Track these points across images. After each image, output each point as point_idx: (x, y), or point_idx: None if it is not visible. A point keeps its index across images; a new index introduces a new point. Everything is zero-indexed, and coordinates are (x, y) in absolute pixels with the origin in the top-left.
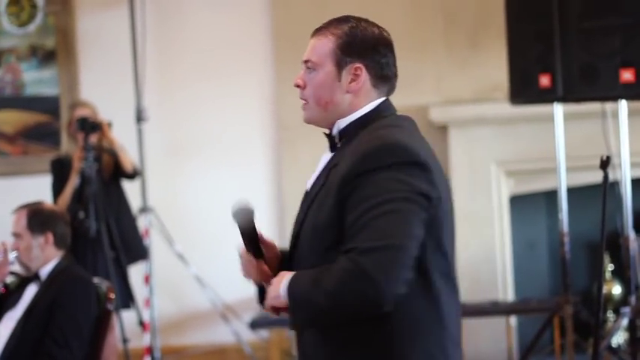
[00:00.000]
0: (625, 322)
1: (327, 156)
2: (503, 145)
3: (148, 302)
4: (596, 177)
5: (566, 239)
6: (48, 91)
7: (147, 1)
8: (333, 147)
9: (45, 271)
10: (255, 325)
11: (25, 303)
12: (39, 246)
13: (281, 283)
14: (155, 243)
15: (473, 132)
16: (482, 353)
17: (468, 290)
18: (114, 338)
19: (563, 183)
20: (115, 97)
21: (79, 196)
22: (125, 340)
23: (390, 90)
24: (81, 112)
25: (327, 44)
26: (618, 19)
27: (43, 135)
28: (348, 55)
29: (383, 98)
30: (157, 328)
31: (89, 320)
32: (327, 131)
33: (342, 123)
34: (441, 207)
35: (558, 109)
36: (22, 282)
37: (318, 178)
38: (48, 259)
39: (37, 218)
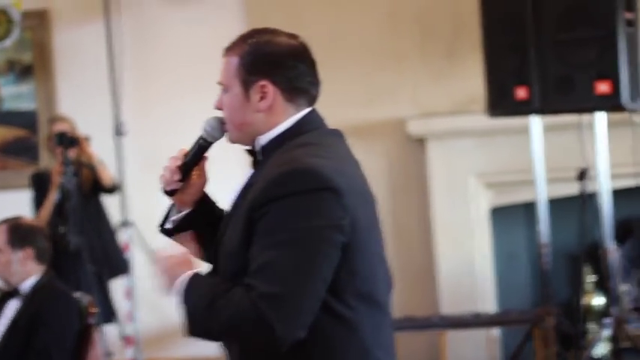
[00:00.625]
0: (607, 332)
1: (248, 173)
2: (481, 158)
3: (131, 316)
4: (575, 188)
5: (546, 250)
6: (25, 105)
7: (123, 15)
8: (254, 164)
9: (26, 286)
10: None
11: (7, 319)
12: (19, 261)
13: (183, 279)
14: (136, 257)
15: (451, 144)
16: None
17: (449, 302)
18: (96, 353)
19: (542, 194)
20: (93, 112)
21: (59, 210)
22: (109, 354)
23: (311, 100)
24: (59, 127)
25: (232, 64)
26: (593, 31)
27: (21, 150)
28: (253, 74)
29: (305, 111)
30: (140, 341)
31: (71, 335)
32: (249, 148)
33: (262, 140)
34: (358, 227)
35: (535, 121)
36: (3, 297)
37: (237, 197)
38: (28, 274)
39: (16, 233)
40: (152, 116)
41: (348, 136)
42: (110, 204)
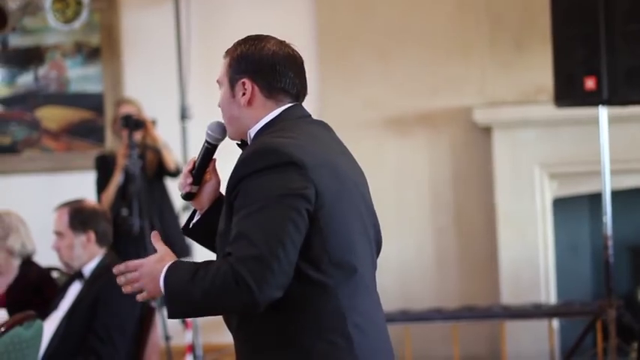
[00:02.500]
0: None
1: None
2: (547, 148)
3: None
4: (639, 181)
5: (610, 242)
6: (92, 87)
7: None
8: None
9: (88, 269)
10: None
11: (69, 301)
12: (81, 244)
13: (161, 269)
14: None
15: (517, 134)
16: (524, 355)
17: (510, 292)
18: (156, 336)
19: (607, 186)
20: (159, 95)
21: (122, 193)
22: (167, 338)
23: (294, 97)
24: (125, 110)
25: (225, 64)
26: None
27: (87, 131)
28: (237, 73)
29: (286, 106)
30: (198, 325)
31: (133, 317)
32: (243, 142)
33: (252, 132)
34: (326, 199)
35: (603, 112)
36: (68, 280)
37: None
38: (90, 256)
39: (78, 217)
40: (217, 101)
41: (415, 124)
42: (173, 187)
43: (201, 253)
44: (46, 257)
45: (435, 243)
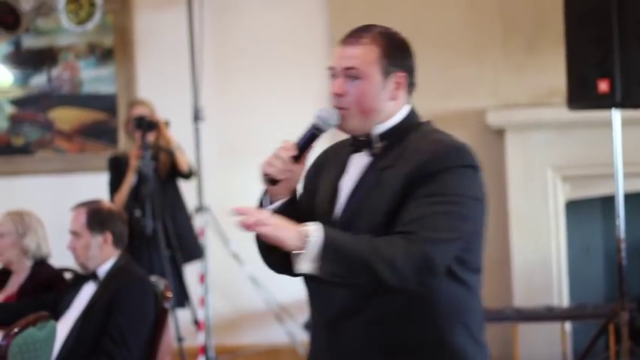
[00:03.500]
0: None
1: (361, 158)
2: (559, 150)
3: (203, 301)
4: None
5: (623, 245)
6: (105, 89)
7: (205, 0)
8: (364, 149)
9: (103, 270)
10: (309, 326)
11: (82, 302)
12: (97, 245)
13: (306, 228)
14: (211, 242)
15: (529, 136)
16: (536, 358)
17: (523, 295)
18: (168, 337)
19: (620, 189)
20: (172, 96)
21: (135, 194)
22: (180, 339)
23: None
24: (138, 111)
25: (370, 53)
26: None
27: (100, 132)
28: (393, 64)
29: (410, 103)
30: (211, 327)
31: (147, 319)
32: (360, 136)
33: (381, 128)
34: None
35: (616, 115)
36: (78, 280)
37: (362, 180)
38: (106, 258)
39: (96, 217)
40: (231, 102)
41: None
42: (186, 189)
43: (213, 257)
44: (59, 258)
45: None
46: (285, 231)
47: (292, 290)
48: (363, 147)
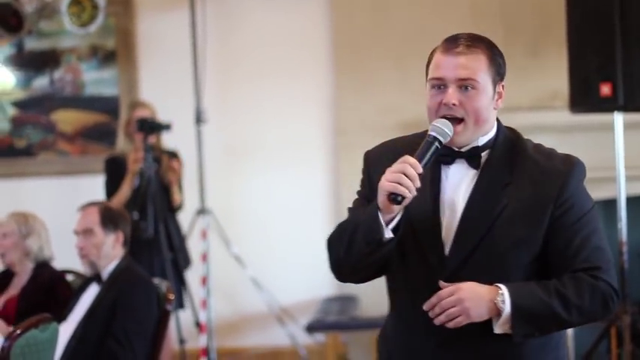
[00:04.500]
0: None
1: (460, 170)
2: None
3: (205, 303)
4: None
5: (625, 248)
6: (107, 91)
7: (207, 2)
8: (461, 160)
9: (106, 271)
10: (311, 328)
11: (86, 304)
12: (110, 244)
13: (491, 294)
14: (212, 244)
15: (532, 139)
16: None
17: None
18: (169, 339)
19: (622, 192)
20: (175, 99)
21: (134, 196)
22: (182, 341)
23: None
24: (140, 113)
25: (482, 63)
26: None
27: (102, 135)
28: (498, 74)
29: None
30: (213, 329)
31: (151, 321)
32: (459, 147)
33: (484, 139)
34: None
35: (619, 118)
36: (84, 283)
37: (480, 195)
38: (113, 258)
39: (109, 216)
40: (233, 105)
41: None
42: (188, 191)
43: (215, 259)
44: (60, 260)
45: None
46: (474, 313)
47: (293, 292)
48: (462, 158)
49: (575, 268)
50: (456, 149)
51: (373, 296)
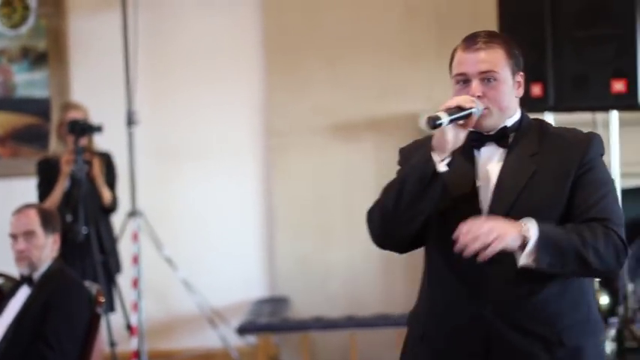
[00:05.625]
0: (613, 332)
1: (491, 150)
2: None
3: (136, 306)
4: None
5: None
6: (39, 93)
7: (139, 4)
8: (492, 142)
9: (38, 274)
10: (242, 330)
11: (16, 307)
12: (49, 245)
13: (520, 225)
14: (144, 247)
15: None
16: None
17: None
18: (100, 342)
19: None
20: (106, 100)
21: (67, 199)
22: (113, 344)
23: None
24: (72, 115)
25: (500, 56)
26: (611, 29)
27: (33, 137)
28: (516, 65)
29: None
30: (144, 332)
31: (82, 324)
32: (489, 131)
33: (509, 122)
34: None
35: (549, 119)
36: (14, 285)
37: (510, 167)
38: (47, 260)
39: (47, 217)
40: (164, 106)
41: (363, 129)
42: (119, 193)
43: (146, 262)
44: None
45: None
46: (508, 237)
47: (225, 294)
48: (491, 140)
49: (587, 218)
50: (485, 133)
51: (304, 298)
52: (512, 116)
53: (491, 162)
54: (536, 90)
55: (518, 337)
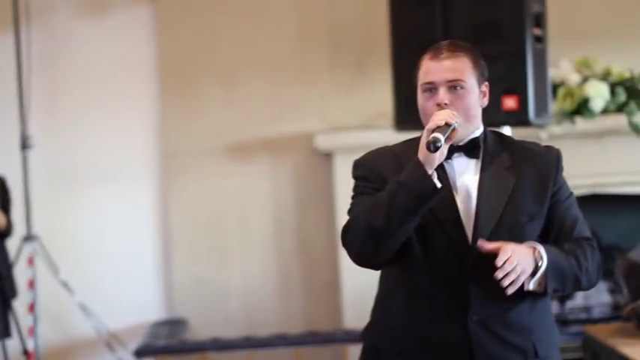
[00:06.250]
0: None
1: (462, 162)
2: None
3: (33, 331)
4: None
5: None
6: None
7: (32, 26)
8: (460, 153)
9: None
10: (140, 353)
11: None
12: None
13: (533, 250)
14: (40, 271)
15: None
16: None
17: (353, 316)
18: None
19: None
20: (0, 124)
21: None
22: None
23: None
24: None
25: (466, 65)
26: (502, 47)
27: None
28: (482, 75)
29: None
30: (41, 357)
31: None
32: (458, 142)
33: (477, 133)
34: None
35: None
36: None
37: (494, 179)
38: None
39: None
40: (59, 129)
41: (258, 150)
42: (14, 217)
43: (42, 286)
44: None
45: (279, 268)
46: (527, 270)
47: (122, 317)
48: (460, 151)
49: (574, 237)
50: (454, 145)
51: (202, 319)
52: (480, 126)
53: (466, 174)
54: None
55: (499, 349)
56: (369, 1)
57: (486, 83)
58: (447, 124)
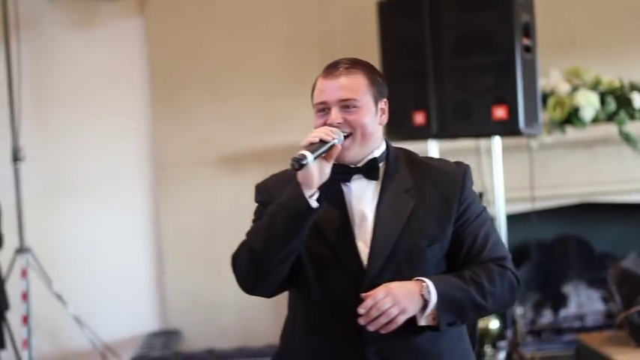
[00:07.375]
0: (502, 355)
1: (361, 184)
2: None
3: (26, 343)
4: None
5: None
6: None
7: (22, 37)
8: (359, 175)
9: None
10: None
11: None
12: None
13: (415, 286)
14: (33, 283)
15: None
16: None
17: None
18: None
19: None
20: None
21: None
22: None
23: None
24: None
25: (362, 82)
26: (491, 57)
27: None
28: (379, 92)
29: None
30: None
31: None
32: (354, 164)
33: (377, 153)
34: None
35: (433, 146)
36: None
37: (392, 202)
38: None
39: None
40: (52, 141)
41: (247, 161)
42: (6, 230)
43: (36, 298)
44: None
45: None
46: (410, 309)
47: (117, 329)
48: (359, 173)
49: (482, 259)
50: (352, 166)
51: (196, 330)
52: (380, 146)
53: (364, 199)
54: (420, 118)
55: None
56: (359, 12)
57: (385, 100)
58: (323, 141)
